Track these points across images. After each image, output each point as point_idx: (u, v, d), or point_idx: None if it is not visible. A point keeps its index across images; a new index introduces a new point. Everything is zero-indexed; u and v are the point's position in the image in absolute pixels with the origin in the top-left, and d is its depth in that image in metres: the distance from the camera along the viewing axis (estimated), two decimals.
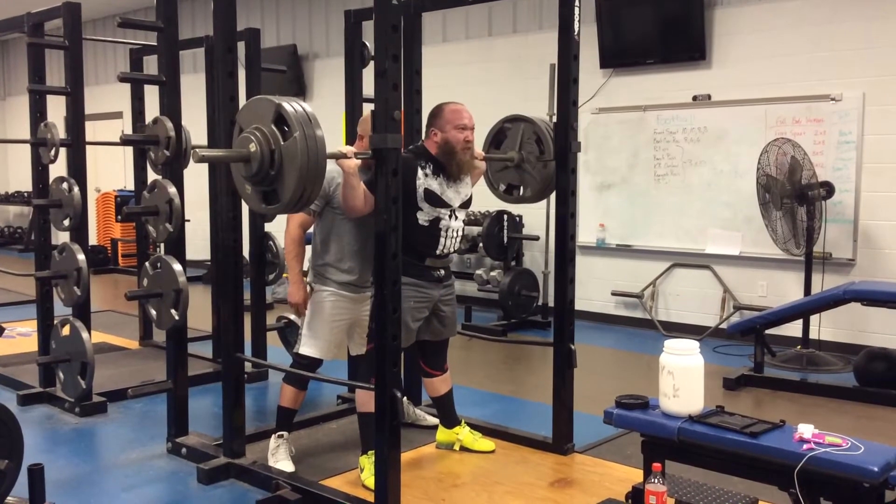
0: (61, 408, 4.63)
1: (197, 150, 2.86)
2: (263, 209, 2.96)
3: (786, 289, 6.15)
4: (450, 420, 3.87)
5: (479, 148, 3.89)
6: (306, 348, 3.63)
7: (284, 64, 8.31)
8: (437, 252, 3.55)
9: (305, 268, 3.78)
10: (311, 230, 3.74)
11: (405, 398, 4.23)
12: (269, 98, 2.85)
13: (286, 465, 3.56)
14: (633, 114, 6.86)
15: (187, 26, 9.65)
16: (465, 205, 3.65)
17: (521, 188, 4.13)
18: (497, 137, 4.13)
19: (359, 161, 3.23)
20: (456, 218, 3.59)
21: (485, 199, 7.68)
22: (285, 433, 3.66)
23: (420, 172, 3.46)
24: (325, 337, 3.64)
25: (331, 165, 3.55)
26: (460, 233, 3.64)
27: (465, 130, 3.49)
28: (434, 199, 3.48)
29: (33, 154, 4.85)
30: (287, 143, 2.76)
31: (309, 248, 3.78)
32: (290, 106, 2.78)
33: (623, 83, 6.94)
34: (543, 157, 3.93)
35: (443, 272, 3.62)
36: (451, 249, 3.62)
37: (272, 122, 2.81)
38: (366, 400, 3.37)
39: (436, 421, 3.99)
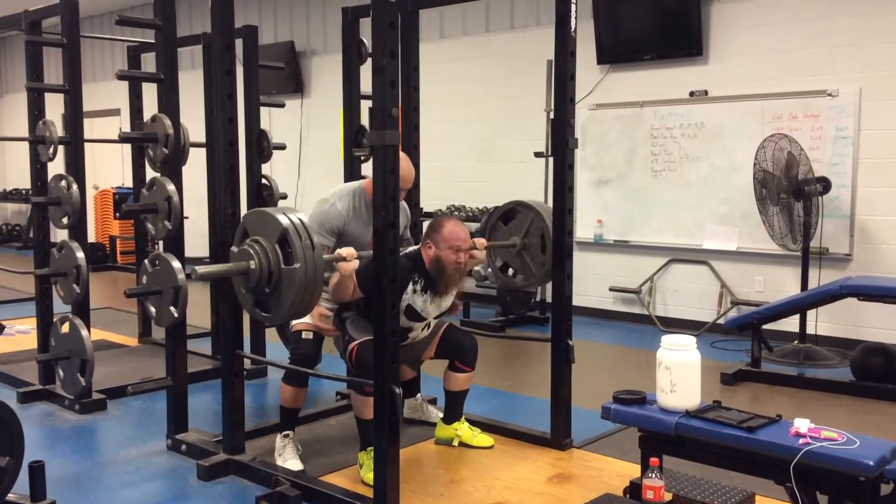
0: (61, 405, 4.64)
1: (196, 268, 2.89)
2: (255, 314, 3.02)
3: (783, 284, 6.16)
4: (453, 415, 3.89)
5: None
6: (296, 322, 3.64)
7: (282, 61, 8.32)
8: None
9: None
10: None
11: (418, 395, 4.26)
12: (278, 219, 2.85)
13: (294, 464, 3.56)
14: (631, 109, 6.87)
15: (185, 23, 9.65)
16: (443, 314, 3.69)
17: (514, 273, 4.19)
18: (507, 214, 4.15)
19: (356, 264, 3.21)
20: (429, 328, 3.66)
21: (482, 195, 7.73)
22: (290, 432, 3.67)
23: (410, 287, 3.45)
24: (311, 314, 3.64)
25: (342, 205, 3.61)
26: (429, 332, 3.69)
27: (459, 252, 3.46)
28: (413, 315, 3.51)
29: (32, 152, 4.85)
30: (287, 269, 2.81)
31: None
32: (297, 236, 2.80)
33: (620, 79, 6.95)
34: (541, 258, 3.99)
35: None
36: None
37: (276, 241, 2.84)
38: (359, 407, 3.41)
39: (440, 416, 4.01)
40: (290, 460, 3.58)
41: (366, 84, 3.71)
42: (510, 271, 4.21)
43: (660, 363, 2.98)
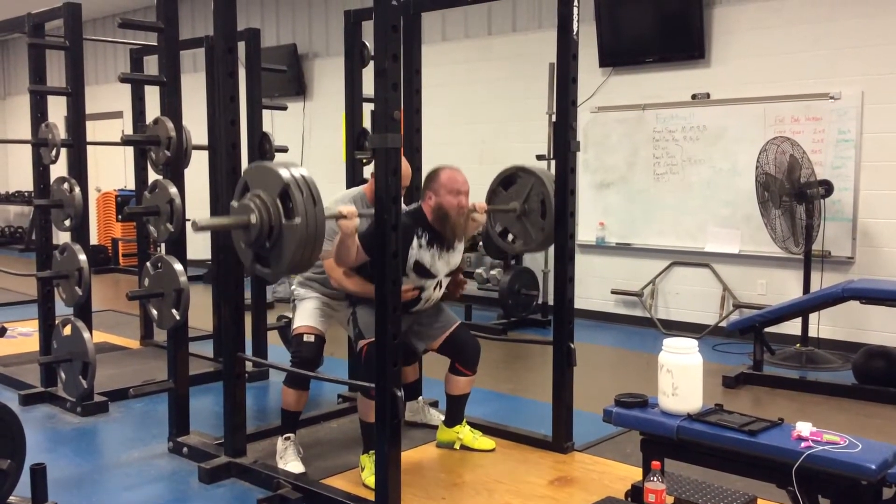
0: (63, 407, 4.64)
1: (196, 220, 2.87)
2: (256, 269, 3.00)
3: (785, 287, 6.16)
4: (454, 419, 3.88)
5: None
6: (299, 321, 3.66)
7: (284, 63, 8.33)
8: (411, 311, 3.56)
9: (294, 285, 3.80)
10: None
11: (420, 398, 4.25)
12: (279, 173, 2.83)
13: (296, 467, 3.56)
14: (633, 112, 6.87)
15: (187, 26, 9.66)
16: (452, 272, 3.67)
17: (514, 238, 4.16)
18: (508, 180, 4.14)
19: (357, 222, 3.20)
20: (440, 287, 3.62)
21: (483, 198, 7.71)
22: (291, 435, 3.67)
23: (415, 242, 3.44)
24: (313, 313, 3.68)
25: (348, 211, 3.61)
26: (441, 292, 3.66)
27: (460, 195, 3.46)
28: (422, 271, 3.49)
29: (34, 154, 4.86)
30: (288, 223, 2.80)
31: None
32: (298, 190, 2.79)
33: (622, 82, 6.95)
34: (541, 223, 3.96)
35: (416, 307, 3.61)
36: (428, 306, 3.64)
37: (277, 195, 2.83)
38: (365, 410, 3.40)
39: (442, 419, 4.00)
40: (291, 463, 3.58)
41: (368, 87, 3.73)
42: (510, 237, 4.18)
43: (661, 366, 2.98)
